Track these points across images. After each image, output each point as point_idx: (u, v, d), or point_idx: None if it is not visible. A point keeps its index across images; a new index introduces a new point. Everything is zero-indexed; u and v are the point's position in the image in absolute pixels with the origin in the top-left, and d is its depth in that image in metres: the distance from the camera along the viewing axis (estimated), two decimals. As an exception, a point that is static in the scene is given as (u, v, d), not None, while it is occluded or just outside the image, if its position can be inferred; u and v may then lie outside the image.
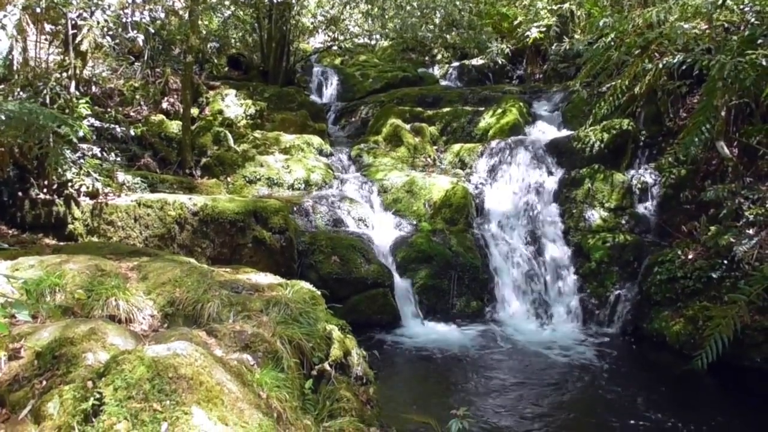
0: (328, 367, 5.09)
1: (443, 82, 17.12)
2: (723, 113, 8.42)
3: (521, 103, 12.76)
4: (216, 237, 8.10)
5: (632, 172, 10.16)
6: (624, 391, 6.68)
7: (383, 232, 9.67)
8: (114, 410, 2.98)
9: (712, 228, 8.22)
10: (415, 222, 9.95)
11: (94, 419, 3.04)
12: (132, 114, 11.82)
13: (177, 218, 8.03)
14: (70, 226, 8.02)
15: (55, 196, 8.11)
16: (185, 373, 3.17)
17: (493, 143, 11.43)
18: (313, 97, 15.91)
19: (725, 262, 7.79)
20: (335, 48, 19.42)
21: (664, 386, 6.95)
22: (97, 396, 3.12)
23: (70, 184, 8.22)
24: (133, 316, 4.70)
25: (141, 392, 3.03)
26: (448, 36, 16.85)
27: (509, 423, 5.94)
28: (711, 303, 7.72)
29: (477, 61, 17.12)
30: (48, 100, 8.07)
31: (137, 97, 12.14)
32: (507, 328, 8.61)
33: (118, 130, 9.78)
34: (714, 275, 7.83)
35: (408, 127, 12.59)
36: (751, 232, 7.81)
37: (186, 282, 5.03)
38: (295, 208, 9.43)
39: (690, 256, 8.25)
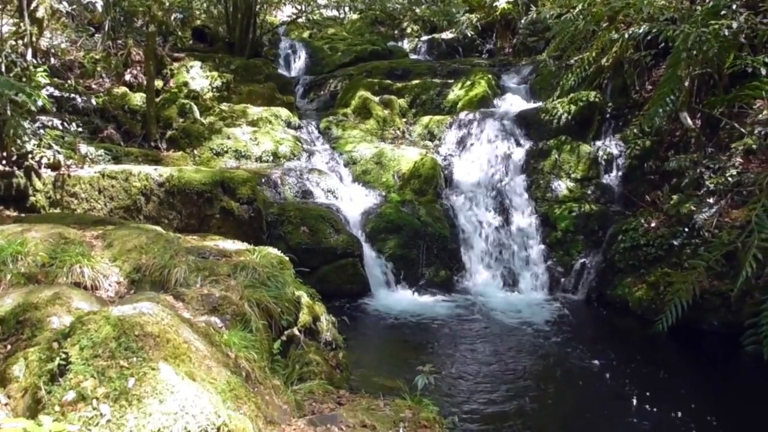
0: (297, 332, 5.13)
1: (413, 56, 17.04)
2: (687, 84, 8.56)
3: (490, 76, 12.79)
4: (183, 208, 8.01)
5: (598, 143, 10.29)
6: (587, 353, 6.83)
7: (352, 203, 9.67)
8: (80, 369, 2.96)
9: (675, 197, 8.40)
10: (384, 193, 9.97)
11: (60, 379, 3.01)
12: (93, 86, 11.55)
13: (142, 189, 7.91)
14: (32, 198, 7.83)
15: (15, 168, 7.90)
16: (152, 331, 3.16)
17: (462, 115, 11.46)
18: (281, 71, 15.73)
19: (686, 229, 7.98)
20: (303, 21, 19.15)
21: (626, 349, 7.13)
22: (63, 356, 3.09)
23: (30, 155, 8.00)
24: (99, 283, 4.64)
25: (107, 350, 3.01)
26: (417, 9, 16.76)
27: (474, 380, 6.05)
28: (672, 269, 7.92)
29: (447, 35, 17.09)
30: (3, 69, 7.82)
31: (98, 69, 11.85)
32: (475, 297, 8.72)
33: (79, 100, 9.56)
34: (675, 242, 8.02)
35: (377, 99, 12.54)
36: (711, 200, 8.00)
37: (152, 249, 4.97)
38: (263, 180, 9.36)
39: (653, 225, 8.43)
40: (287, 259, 5.36)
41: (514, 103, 12.25)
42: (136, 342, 3.06)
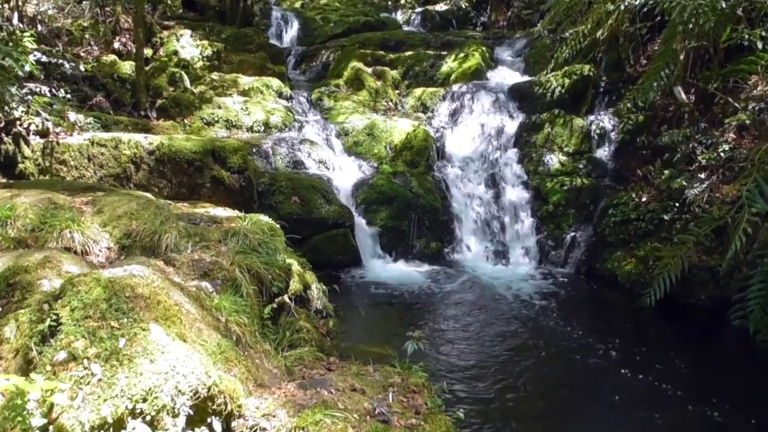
0: (287, 300, 5.13)
1: (406, 28, 16.86)
2: (682, 58, 8.52)
3: (484, 48, 12.70)
4: (173, 177, 7.95)
5: (591, 117, 10.27)
6: (574, 325, 6.90)
7: (344, 174, 9.64)
8: (71, 329, 2.95)
9: (666, 172, 8.42)
10: (376, 164, 9.93)
11: (51, 339, 3.01)
12: (82, 54, 11.35)
13: (132, 157, 7.84)
14: (21, 165, 7.75)
15: (3, 135, 7.80)
16: (142, 292, 3.15)
17: (455, 87, 11.40)
18: (273, 41, 15.52)
19: (677, 204, 8.02)
20: (295, -10, 18.88)
21: (613, 322, 7.21)
22: (54, 317, 3.08)
23: (18, 122, 7.90)
24: (89, 248, 4.60)
25: (98, 312, 3.00)
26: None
27: (463, 349, 6.12)
28: (662, 244, 7.98)
29: (441, 7, 16.91)
30: (-11, 33, 7.69)
31: (86, 36, 11.64)
32: (466, 269, 8.76)
33: (67, 66, 9.41)
34: (666, 217, 8.06)
35: (370, 70, 12.44)
36: (702, 176, 8.02)
37: (142, 215, 4.93)
38: (254, 150, 9.29)
39: (643, 199, 8.47)
40: (278, 226, 5.34)
41: (507, 76, 12.19)
42: (127, 303, 3.05)
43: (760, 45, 7.44)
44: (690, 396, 5.39)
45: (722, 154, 7.76)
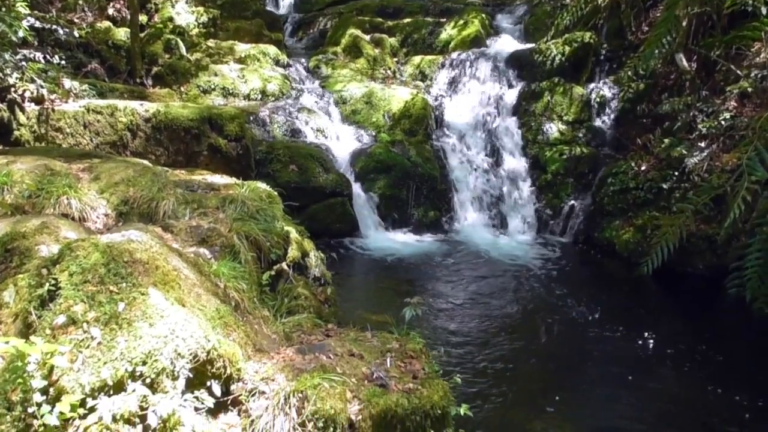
0: (286, 267, 5.13)
1: (404, -6, 16.61)
2: (684, 25, 8.42)
3: (484, 16, 12.54)
4: (170, 144, 7.90)
5: (592, 85, 10.20)
6: (571, 293, 6.94)
7: (342, 142, 9.59)
8: (70, 294, 2.95)
9: (666, 140, 8.39)
10: (374, 133, 9.87)
11: (50, 304, 3.01)
12: (76, 20, 11.17)
13: (128, 125, 7.77)
14: (16, 133, 7.68)
15: (-2, 101, 7.74)
16: (141, 257, 3.14)
17: (454, 55, 11.29)
18: (269, 8, 15.29)
19: (676, 173, 8.00)
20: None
21: (610, 290, 7.24)
22: (53, 282, 3.08)
23: (13, 89, 7.81)
24: (87, 214, 4.59)
25: (97, 276, 2.99)
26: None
27: (461, 315, 6.16)
28: (660, 213, 7.98)
29: (439, -27, 16.61)
30: (-20, -3, 7.55)
31: (80, 2, 11.46)
32: (464, 237, 8.77)
33: (61, 32, 9.27)
34: (665, 186, 8.05)
35: (368, 38, 12.29)
36: (702, 144, 7.99)
37: (140, 181, 4.90)
38: (251, 118, 9.23)
39: (643, 168, 8.44)
40: (276, 194, 5.32)
41: (507, 43, 12.05)
42: (125, 268, 3.04)
43: (764, 11, 7.35)
44: (686, 364, 5.44)
45: (723, 123, 7.71)
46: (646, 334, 5.94)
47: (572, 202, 9.12)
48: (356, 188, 8.85)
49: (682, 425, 4.57)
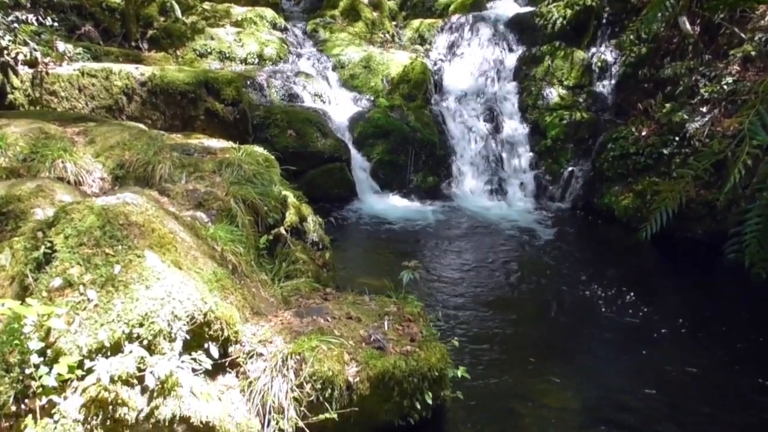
0: (283, 231, 5.11)
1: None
2: (688, -14, 8.28)
3: (484, -22, 12.31)
4: (167, 109, 7.82)
5: (593, 49, 10.05)
6: (570, 258, 6.94)
7: (340, 107, 9.50)
8: (66, 256, 2.93)
9: (667, 105, 8.30)
10: (372, 98, 9.78)
11: (46, 267, 3.00)
12: (69, -18, 10.98)
13: (124, 88, 7.68)
14: (10, 96, 7.58)
15: (-9, 64, 7.62)
16: (136, 220, 3.12)
17: (454, 18, 11.12)
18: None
19: (677, 138, 7.93)
20: None
21: (609, 256, 7.24)
22: (48, 245, 3.06)
23: (5, 51, 7.69)
24: (83, 178, 4.55)
25: (92, 239, 2.98)
26: None
27: (458, 280, 6.17)
28: (660, 178, 7.93)
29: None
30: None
31: (73, -37, 11.23)
32: (462, 203, 8.75)
33: (54, -9, 9.09)
34: (665, 151, 7.99)
35: (366, 1, 12.09)
36: (704, 109, 7.91)
37: (135, 145, 4.86)
38: (248, 82, 9.12)
39: (643, 133, 8.37)
40: (273, 158, 5.28)
41: (507, 6, 11.87)
42: (121, 231, 3.03)
43: (769, -28, 7.19)
44: (684, 329, 5.45)
45: (725, 87, 7.63)
46: (644, 299, 5.95)
47: (572, 168, 9.07)
48: (354, 153, 8.79)
49: (681, 389, 4.59)
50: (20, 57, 7.74)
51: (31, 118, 5.41)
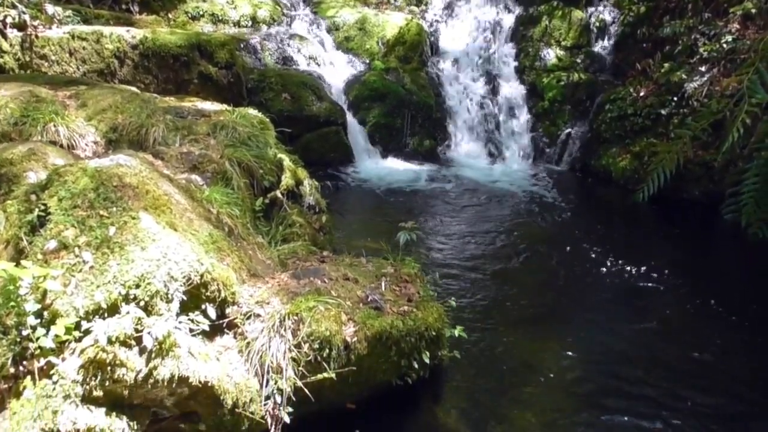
0: (279, 195, 5.09)
1: None
2: (687, -57, 8.13)
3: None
4: (159, 72, 7.71)
5: (591, 9, 9.89)
6: (566, 220, 6.94)
7: (335, 70, 9.38)
8: (60, 219, 2.91)
9: (666, 65, 8.23)
10: (367, 60, 9.66)
11: (41, 229, 2.97)
12: (57, -58, 10.73)
13: (115, 52, 7.56)
14: (0, 60, 7.48)
15: (-21, 28, 7.48)
16: (130, 182, 3.09)
17: (450, -22, 10.91)
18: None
19: (675, 99, 7.88)
20: None
21: (606, 217, 7.24)
22: (42, 207, 3.04)
23: (-6, 14, 7.56)
24: (75, 142, 4.50)
25: (86, 201, 2.95)
26: None
27: (455, 242, 6.18)
28: (658, 139, 7.91)
29: None
30: None
31: None
32: (459, 166, 8.71)
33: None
34: (663, 112, 7.94)
35: (360, -39, 11.84)
36: (703, 68, 7.84)
37: (128, 108, 4.79)
38: (242, 45, 8.97)
39: (641, 94, 8.31)
40: (268, 120, 5.22)
41: (505, -34, 11.63)
42: (115, 192, 3.00)
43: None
44: (681, 289, 5.47)
45: (725, 46, 7.55)
46: (642, 260, 5.96)
47: (569, 129, 9.02)
48: (350, 117, 8.71)
49: (678, 348, 4.63)
50: (8, 20, 7.60)
51: (21, 81, 5.32)
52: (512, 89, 9.51)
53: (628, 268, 5.79)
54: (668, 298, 5.33)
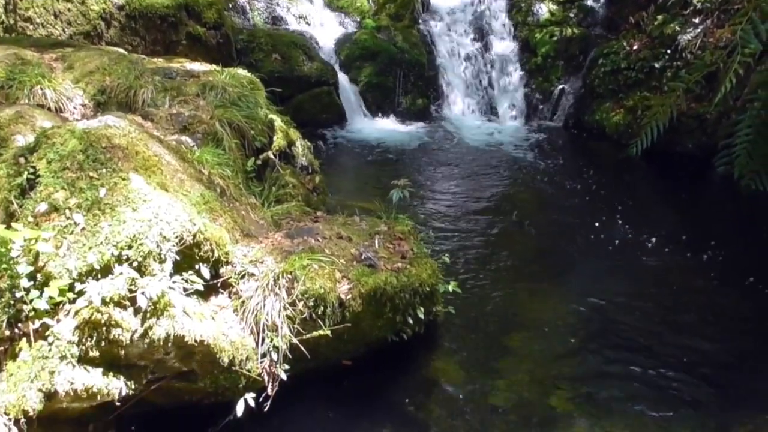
0: (272, 155, 5.07)
1: None
2: None
3: None
4: (147, 34, 7.57)
5: (584, -38, 9.72)
6: (560, 175, 6.95)
7: (326, 29, 9.25)
8: (50, 181, 2.89)
9: (659, 17, 8.12)
10: (358, 18, 9.51)
11: (30, 192, 2.96)
12: None
13: (101, 13, 7.40)
14: (-17, 25, 7.34)
15: (-40, -9, 7.32)
16: (120, 143, 3.06)
17: (441, -68, 10.67)
18: None
19: (669, 51, 7.81)
20: None
21: (600, 171, 7.23)
22: (31, 170, 3.02)
23: (-26, -24, 7.40)
24: (63, 105, 4.45)
25: (75, 163, 2.93)
26: None
27: (449, 200, 6.21)
28: (651, 93, 7.86)
29: None
30: None
31: None
32: (453, 125, 8.67)
33: None
34: (656, 65, 7.88)
35: None
36: (696, 20, 7.76)
37: (116, 70, 4.73)
38: (230, 5, 8.81)
39: (635, 47, 8.23)
40: (258, 80, 5.16)
41: None
42: (104, 154, 2.98)
43: None
44: (675, 241, 5.51)
45: (719, -4, 7.45)
46: (635, 214, 6.00)
47: (562, 85, 8.95)
48: (342, 77, 8.61)
49: (672, 298, 4.69)
50: (-10, -17, 7.44)
51: (6, 45, 5.23)
52: (505, 45, 9.40)
53: (622, 222, 5.82)
54: (662, 251, 5.37)
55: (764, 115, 5.96)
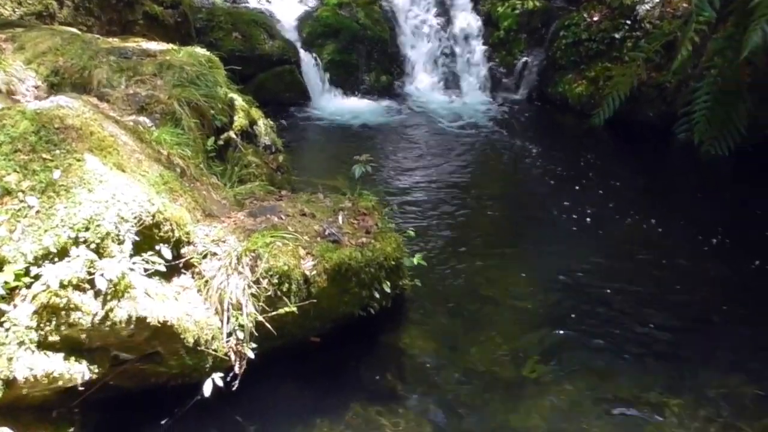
0: (233, 135, 5.01)
1: None
2: None
3: None
4: (102, 13, 7.36)
5: (544, -67, 9.71)
6: (525, 147, 7.01)
7: (287, 6, 9.10)
8: (1, 164, 2.80)
9: (619, -12, 8.18)
10: (319, -5, 9.39)
11: (-20, 177, 2.88)
12: None
13: (53, -7, 7.20)
14: (-71, 7, 7.07)
15: None
16: (73, 123, 2.99)
17: None
18: None
19: (628, 22, 7.91)
20: None
21: (564, 142, 7.34)
22: (-20, 155, 2.93)
23: None
24: (15, 87, 4.32)
25: (27, 144, 2.85)
26: None
27: (413, 175, 6.24)
28: (613, 63, 7.94)
29: None
30: None
31: None
32: (417, 101, 8.65)
33: None
34: (617, 36, 7.96)
35: None
36: (655, -9, 7.82)
37: (69, 50, 4.60)
38: (187, -17, 8.62)
39: (595, 19, 8.29)
40: (216, 59, 5.07)
41: None
42: (57, 135, 2.90)
43: None
44: (637, 208, 5.61)
45: (676, -34, 7.52)
46: (599, 183, 6.09)
47: (525, 58, 8.98)
48: (304, 55, 8.50)
49: (637, 267, 4.77)
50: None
51: (-48, 28, 5.08)
52: (467, 20, 9.38)
53: (587, 191, 5.90)
54: (627, 219, 5.47)
55: (721, 82, 6.07)
